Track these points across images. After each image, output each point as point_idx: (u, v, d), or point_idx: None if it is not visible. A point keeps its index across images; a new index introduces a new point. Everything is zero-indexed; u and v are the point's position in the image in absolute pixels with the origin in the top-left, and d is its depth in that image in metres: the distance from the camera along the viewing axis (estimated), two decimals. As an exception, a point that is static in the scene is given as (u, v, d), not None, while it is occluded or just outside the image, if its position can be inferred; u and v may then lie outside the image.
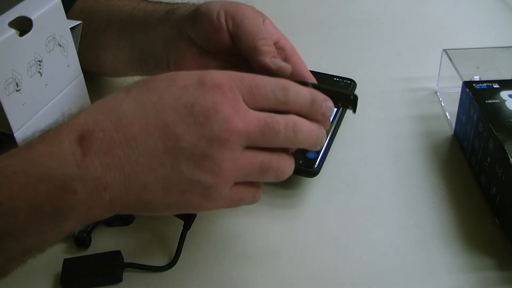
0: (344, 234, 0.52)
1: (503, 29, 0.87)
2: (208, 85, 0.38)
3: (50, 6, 0.53)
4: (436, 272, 0.50)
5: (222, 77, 0.39)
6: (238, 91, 0.39)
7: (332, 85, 0.69)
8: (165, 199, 0.38)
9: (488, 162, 0.55)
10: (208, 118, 0.37)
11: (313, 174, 0.57)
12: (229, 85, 0.38)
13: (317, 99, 0.43)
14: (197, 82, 0.38)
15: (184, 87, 0.38)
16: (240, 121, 0.38)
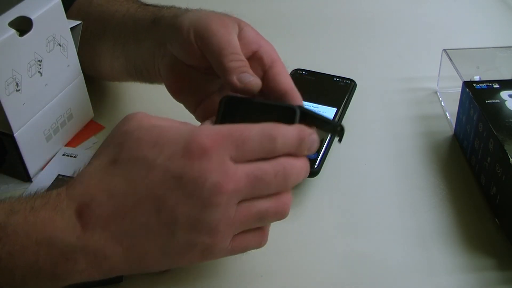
0: (344, 234, 0.52)
1: (503, 29, 0.87)
2: (194, 153, 0.38)
3: (50, 6, 0.54)
4: (436, 272, 0.50)
5: (208, 140, 0.38)
6: (225, 150, 0.39)
7: (332, 86, 0.69)
8: (165, 262, 0.40)
9: (488, 162, 0.55)
10: (197, 187, 0.38)
11: (313, 174, 0.57)
12: (215, 148, 0.38)
13: (305, 138, 0.42)
14: (183, 151, 0.38)
15: (171, 158, 0.38)
16: (229, 183, 0.38)
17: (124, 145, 0.39)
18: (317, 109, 0.65)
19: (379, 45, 0.84)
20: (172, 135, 0.39)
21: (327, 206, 0.56)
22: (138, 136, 0.39)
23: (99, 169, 0.39)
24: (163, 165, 0.38)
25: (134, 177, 0.38)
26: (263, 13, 0.90)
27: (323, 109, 0.65)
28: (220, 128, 0.40)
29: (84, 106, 0.65)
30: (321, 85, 0.69)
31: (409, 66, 0.78)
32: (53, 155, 0.61)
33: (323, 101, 0.66)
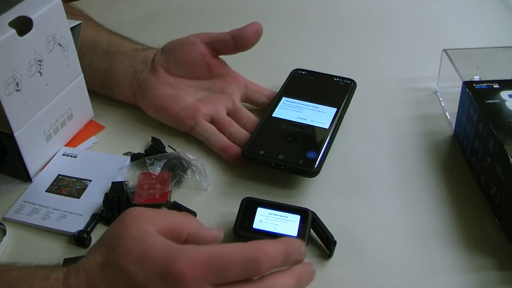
0: (344, 234, 0.52)
1: (503, 29, 0.87)
2: (172, 279, 0.38)
3: (50, 6, 0.54)
4: (436, 272, 0.50)
5: (187, 268, 0.38)
6: (205, 279, 0.38)
7: (332, 86, 0.69)
8: None
9: (488, 162, 0.55)
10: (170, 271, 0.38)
11: (313, 174, 0.57)
12: (194, 277, 0.38)
13: (292, 253, 0.42)
14: (162, 275, 0.38)
15: (150, 278, 0.38)
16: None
17: (115, 250, 0.41)
18: (317, 109, 0.65)
19: (379, 45, 0.84)
20: (155, 254, 0.39)
21: (327, 206, 0.56)
22: (127, 245, 0.40)
23: (93, 266, 0.41)
24: (142, 283, 0.38)
25: (116, 286, 0.40)
26: (262, 13, 0.90)
27: (323, 109, 0.65)
28: (202, 253, 0.39)
29: (84, 106, 0.65)
30: (321, 85, 0.69)
31: (409, 66, 0.78)
32: (53, 155, 0.61)
33: (323, 101, 0.66)
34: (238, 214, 0.52)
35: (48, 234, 0.53)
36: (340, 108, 0.65)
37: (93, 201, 0.56)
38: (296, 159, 0.58)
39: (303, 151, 0.58)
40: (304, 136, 0.61)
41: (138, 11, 0.92)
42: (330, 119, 0.63)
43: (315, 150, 0.59)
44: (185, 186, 0.58)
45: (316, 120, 0.63)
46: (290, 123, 0.63)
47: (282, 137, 0.61)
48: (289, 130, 0.62)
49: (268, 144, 0.59)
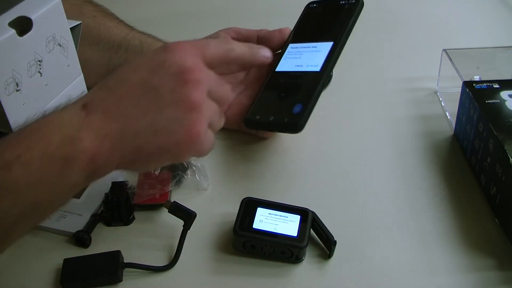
0: (344, 234, 0.52)
1: (503, 29, 0.87)
2: (173, 47, 0.47)
3: (50, 6, 0.53)
4: (436, 272, 0.50)
5: (181, 42, 0.48)
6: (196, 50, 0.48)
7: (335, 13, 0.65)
8: (155, 141, 0.44)
9: (488, 162, 0.55)
10: (178, 67, 0.45)
11: (296, 130, 0.56)
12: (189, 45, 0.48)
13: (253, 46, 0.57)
14: (162, 48, 0.47)
15: (153, 55, 0.47)
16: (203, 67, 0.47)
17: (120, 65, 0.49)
18: (315, 48, 0.62)
19: (379, 45, 0.84)
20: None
21: (327, 206, 0.56)
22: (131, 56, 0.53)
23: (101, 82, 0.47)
24: (147, 58, 0.47)
25: (126, 72, 0.46)
26: (261, 13, 0.90)
27: (320, 46, 0.61)
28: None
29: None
30: (325, 16, 0.66)
31: (409, 66, 0.78)
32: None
33: (322, 36, 0.63)
34: (238, 214, 0.52)
35: (48, 234, 0.53)
36: (337, 40, 0.61)
37: (93, 201, 0.56)
38: (283, 116, 0.57)
39: (291, 106, 0.57)
40: (295, 87, 0.60)
41: (161, 10, 0.92)
42: (324, 58, 0.60)
43: (302, 102, 0.57)
44: (185, 186, 0.58)
45: (310, 63, 0.61)
46: (288, 75, 0.61)
47: (278, 94, 0.60)
48: (285, 85, 0.60)
49: (264, 106, 0.58)
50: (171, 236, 0.53)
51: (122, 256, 0.50)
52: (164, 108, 0.44)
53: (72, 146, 0.41)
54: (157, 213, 0.56)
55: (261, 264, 0.51)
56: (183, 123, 0.45)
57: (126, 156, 0.44)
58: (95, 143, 0.42)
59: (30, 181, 0.40)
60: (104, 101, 0.44)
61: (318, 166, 0.62)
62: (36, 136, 0.42)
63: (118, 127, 0.43)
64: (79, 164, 0.42)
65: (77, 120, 0.43)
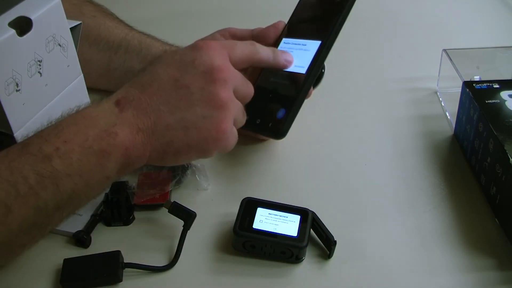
0: (344, 234, 0.52)
1: (503, 29, 0.87)
2: (202, 46, 0.50)
3: (50, 6, 0.53)
4: (436, 272, 0.50)
5: (209, 41, 0.51)
6: (224, 49, 0.51)
7: (328, 6, 0.63)
8: (184, 137, 0.47)
9: (488, 162, 0.55)
10: (207, 67, 0.48)
11: (278, 137, 0.57)
12: (218, 44, 0.51)
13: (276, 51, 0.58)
14: (191, 47, 0.50)
15: (183, 53, 0.50)
16: (230, 66, 0.50)
17: (149, 62, 0.52)
18: (304, 46, 0.60)
19: (379, 45, 0.84)
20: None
21: (327, 206, 0.56)
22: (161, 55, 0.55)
23: (131, 80, 0.49)
24: (178, 57, 0.49)
25: (157, 70, 0.49)
26: (261, 12, 0.90)
27: (309, 45, 0.60)
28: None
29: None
30: (318, 8, 0.64)
31: (409, 66, 0.78)
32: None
33: (312, 33, 0.61)
34: (238, 214, 0.52)
35: (48, 234, 0.53)
36: (325, 39, 0.59)
37: (93, 201, 0.56)
38: (268, 121, 0.57)
39: (275, 110, 0.57)
40: (282, 89, 0.59)
41: (161, 10, 0.92)
42: (311, 58, 0.59)
43: (285, 107, 0.57)
44: (185, 186, 0.58)
45: (298, 63, 0.59)
46: (277, 74, 0.60)
47: (266, 95, 0.59)
48: (274, 85, 0.60)
49: (254, 107, 0.57)
50: (171, 236, 0.53)
51: (122, 256, 0.50)
52: (193, 105, 0.47)
53: (108, 140, 0.44)
54: (157, 213, 0.56)
55: (261, 264, 0.51)
56: (211, 120, 0.48)
57: (157, 150, 0.47)
58: (129, 137, 0.45)
59: (69, 173, 0.42)
60: (136, 98, 0.47)
61: (318, 166, 0.62)
62: (73, 130, 0.44)
63: (150, 123, 0.46)
64: (115, 157, 0.45)
65: (111, 115, 0.46)
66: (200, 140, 0.48)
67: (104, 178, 0.45)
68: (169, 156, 0.48)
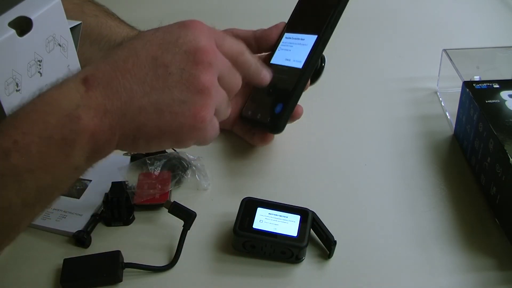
0: (344, 234, 0.52)
1: (503, 29, 0.87)
2: (188, 24, 0.45)
3: (50, 6, 0.53)
4: (436, 272, 0.50)
5: (202, 23, 0.46)
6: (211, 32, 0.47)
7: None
8: (158, 122, 0.43)
9: (488, 162, 0.55)
10: (191, 46, 0.44)
11: (276, 132, 0.58)
12: (204, 25, 0.46)
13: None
14: (179, 24, 0.46)
15: (167, 30, 0.45)
16: (216, 50, 0.46)
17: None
18: (302, 41, 0.60)
19: (379, 45, 0.84)
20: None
21: (327, 206, 0.56)
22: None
23: (106, 52, 0.45)
24: (161, 34, 0.45)
25: (135, 45, 0.44)
26: (261, 13, 0.90)
27: (306, 40, 0.60)
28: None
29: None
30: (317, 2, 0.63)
31: (409, 66, 0.78)
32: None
33: (309, 27, 0.61)
34: (238, 214, 0.52)
35: (48, 234, 0.53)
36: (321, 34, 0.59)
37: (93, 201, 0.56)
38: (267, 116, 0.58)
39: (274, 105, 0.58)
40: (281, 83, 0.59)
41: (161, 10, 0.93)
42: (307, 53, 0.59)
43: (283, 101, 0.57)
44: (185, 186, 0.58)
45: (296, 58, 0.59)
46: (278, 69, 0.60)
47: (267, 90, 0.59)
48: (274, 79, 0.59)
49: (256, 102, 0.57)
50: (171, 236, 0.53)
51: (122, 256, 0.50)
52: (171, 87, 0.43)
53: (71, 125, 0.40)
54: (157, 213, 0.56)
55: (261, 264, 0.51)
56: (189, 105, 0.43)
57: (126, 135, 0.43)
58: (94, 120, 0.40)
59: (30, 168, 0.39)
60: (107, 75, 0.42)
61: (318, 166, 0.62)
62: (31, 119, 0.40)
63: (120, 104, 0.42)
64: (80, 145, 0.40)
65: (75, 96, 0.41)
66: (175, 126, 0.43)
67: (72, 169, 0.41)
68: (140, 142, 0.44)
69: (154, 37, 0.45)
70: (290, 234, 0.50)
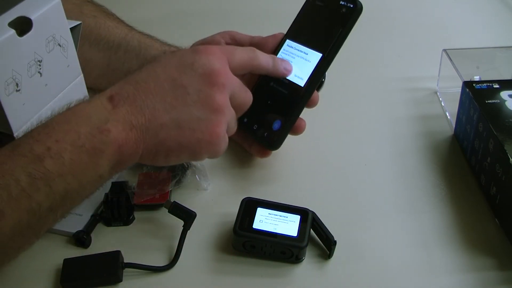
0: (344, 234, 0.52)
1: (503, 29, 0.87)
2: (202, 50, 0.50)
3: (50, 6, 0.53)
4: (436, 272, 0.50)
5: (213, 46, 0.51)
6: (224, 54, 0.51)
7: (332, 14, 0.60)
8: (177, 137, 0.47)
9: (488, 162, 0.55)
10: (206, 70, 0.48)
11: (272, 148, 0.58)
12: (218, 49, 0.51)
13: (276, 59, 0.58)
14: (192, 50, 0.51)
15: (183, 55, 0.50)
16: (228, 72, 0.50)
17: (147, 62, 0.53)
18: (306, 56, 0.59)
19: (379, 45, 0.84)
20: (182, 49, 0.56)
21: (327, 206, 0.56)
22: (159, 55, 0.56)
23: (126, 76, 0.49)
24: (177, 58, 0.49)
25: (155, 68, 0.49)
26: (261, 14, 0.90)
27: (310, 55, 0.59)
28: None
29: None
30: (324, 14, 0.61)
31: (409, 66, 0.78)
32: (53, 155, 0.61)
33: (314, 42, 0.59)
34: (238, 214, 0.52)
35: (48, 234, 0.53)
36: (326, 53, 0.58)
37: (93, 201, 0.56)
38: (263, 130, 0.58)
39: (272, 120, 0.58)
40: (281, 98, 0.59)
41: (161, 10, 0.93)
42: (310, 71, 0.58)
43: (281, 119, 0.58)
44: (185, 186, 0.58)
45: (298, 73, 0.59)
46: (277, 80, 0.60)
47: (265, 101, 0.59)
48: (273, 91, 0.59)
49: (253, 111, 0.57)
50: (171, 236, 0.53)
51: (122, 256, 0.50)
52: (189, 106, 0.47)
53: (101, 137, 0.43)
54: (157, 213, 0.56)
55: (261, 264, 0.51)
56: (206, 122, 0.47)
57: (149, 149, 0.46)
58: (122, 134, 0.44)
59: (61, 173, 0.41)
60: (131, 94, 0.46)
61: (318, 166, 0.62)
62: (64, 128, 0.43)
63: (144, 120, 0.46)
64: (107, 155, 0.44)
65: (104, 112, 0.44)
66: (193, 141, 0.48)
67: (97, 177, 0.44)
68: (160, 155, 0.48)
69: (172, 61, 0.49)
70: (290, 234, 0.50)
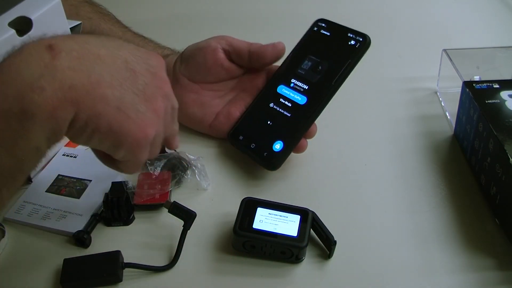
0: (344, 234, 0.52)
1: (503, 29, 0.87)
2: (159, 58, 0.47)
3: (50, 6, 0.54)
4: (436, 272, 0.50)
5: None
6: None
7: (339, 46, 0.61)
8: (112, 118, 0.41)
9: (488, 162, 0.55)
10: (157, 72, 0.45)
11: (271, 169, 0.58)
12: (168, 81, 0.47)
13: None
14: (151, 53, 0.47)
15: (138, 48, 0.46)
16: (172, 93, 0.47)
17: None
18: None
19: (379, 45, 0.84)
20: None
21: (327, 206, 0.56)
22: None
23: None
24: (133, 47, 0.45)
25: (109, 42, 0.43)
26: (260, 19, 0.90)
27: None
28: None
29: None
30: (330, 45, 0.62)
31: (409, 66, 0.78)
32: (53, 155, 0.61)
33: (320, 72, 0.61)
34: (238, 214, 0.52)
35: (48, 234, 0.53)
36: (332, 81, 0.59)
37: (93, 201, 0.56)
38: (263, 149, 0.58)
39: (272, 140, 0.58)
40: (282, 119, 0.60)
41: (161, 11, 0.93)
42: (313, 95, 0.60)
43: (284, 140, 0.58)
44: (185, 186, 0.58)
45: (301, 96, 0.60)
46: (278, 101, 0.60)
47: (264, 120, 0.60)
48: (273, 111, 0.60)
49: (249, 129, 0.56)
50: (171, 236, 0.53)
51: (122, 256, 0.50)
52: (134, 93, 0.43)
53: (31, 97, 0.36)
54: (157, 213, 0.56)
55: (261, 264, 0.51)
56: (142, 117, 0.43)
57: (81, 120, 0.40)
58: (58, 93, 0.37)
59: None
60: (77, 50, 0.39)
61: (318, 166, 0.62)
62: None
63: (85, 82, 0.39)
64: (40, 119, 0.37)
65: (39, 63, 0.37)
66: (123, 130, 0.42)
67: (33, 149, 0.38)
68: (85, 132, 0.41)
69: (127, 46, 0.45)
70: (290, 234, 0.50)
